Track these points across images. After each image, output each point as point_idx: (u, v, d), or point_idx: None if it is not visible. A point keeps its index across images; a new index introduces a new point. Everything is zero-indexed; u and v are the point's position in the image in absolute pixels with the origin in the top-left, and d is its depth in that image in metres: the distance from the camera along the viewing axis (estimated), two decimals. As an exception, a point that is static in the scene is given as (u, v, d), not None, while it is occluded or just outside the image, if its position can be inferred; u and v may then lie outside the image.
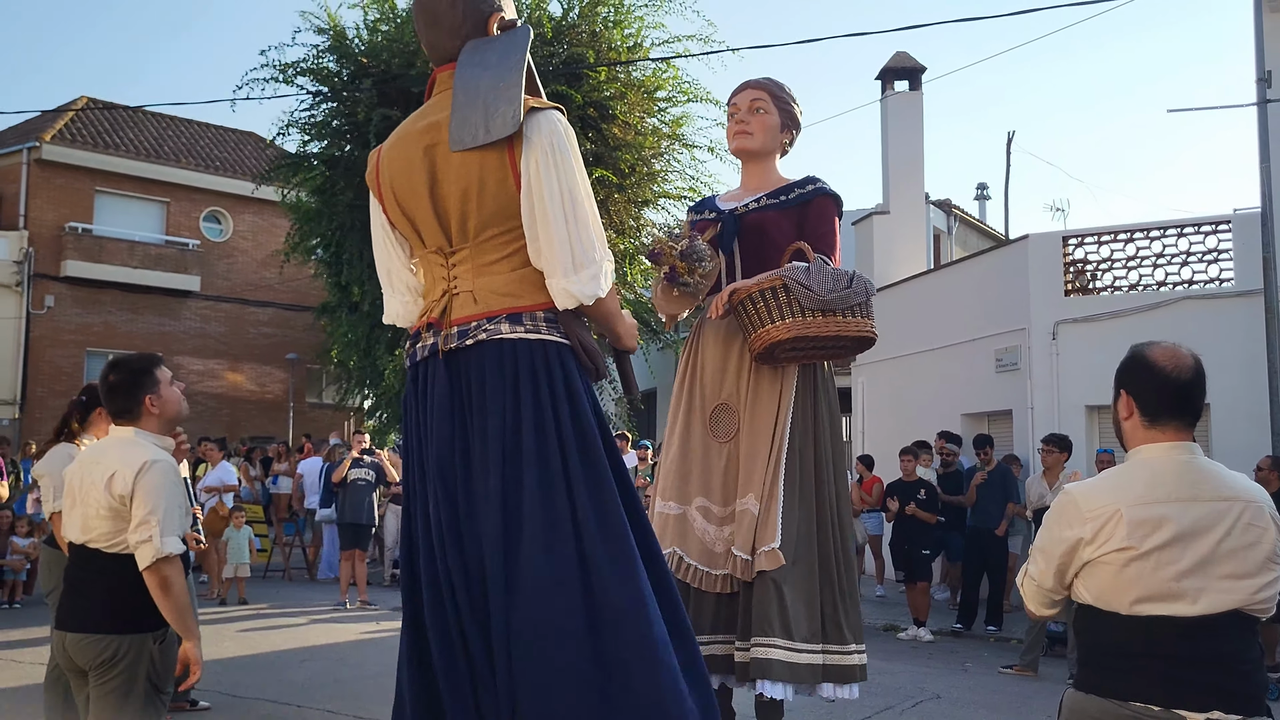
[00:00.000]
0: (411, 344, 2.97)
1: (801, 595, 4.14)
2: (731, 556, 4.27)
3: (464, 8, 2.86)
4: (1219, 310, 10.87)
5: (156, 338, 23.69)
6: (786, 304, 4.11)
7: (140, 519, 3.13)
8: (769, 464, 4.30)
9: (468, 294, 2.82)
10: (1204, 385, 2.40)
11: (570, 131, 2.78)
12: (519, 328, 2.77)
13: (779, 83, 4.74)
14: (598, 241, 2.75)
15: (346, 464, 11.24)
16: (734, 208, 4.63)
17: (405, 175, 2.87)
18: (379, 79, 14.48)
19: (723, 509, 4.42)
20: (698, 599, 4.30)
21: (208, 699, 6.07)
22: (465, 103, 2.73)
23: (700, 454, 4.50)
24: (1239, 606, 2.24)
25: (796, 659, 4.03)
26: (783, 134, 4.70)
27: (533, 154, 2.69)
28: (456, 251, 2.84)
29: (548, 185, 2.68)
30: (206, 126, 26.69)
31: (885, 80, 15.99)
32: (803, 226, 4.48)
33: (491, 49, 2.83)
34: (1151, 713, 2.21)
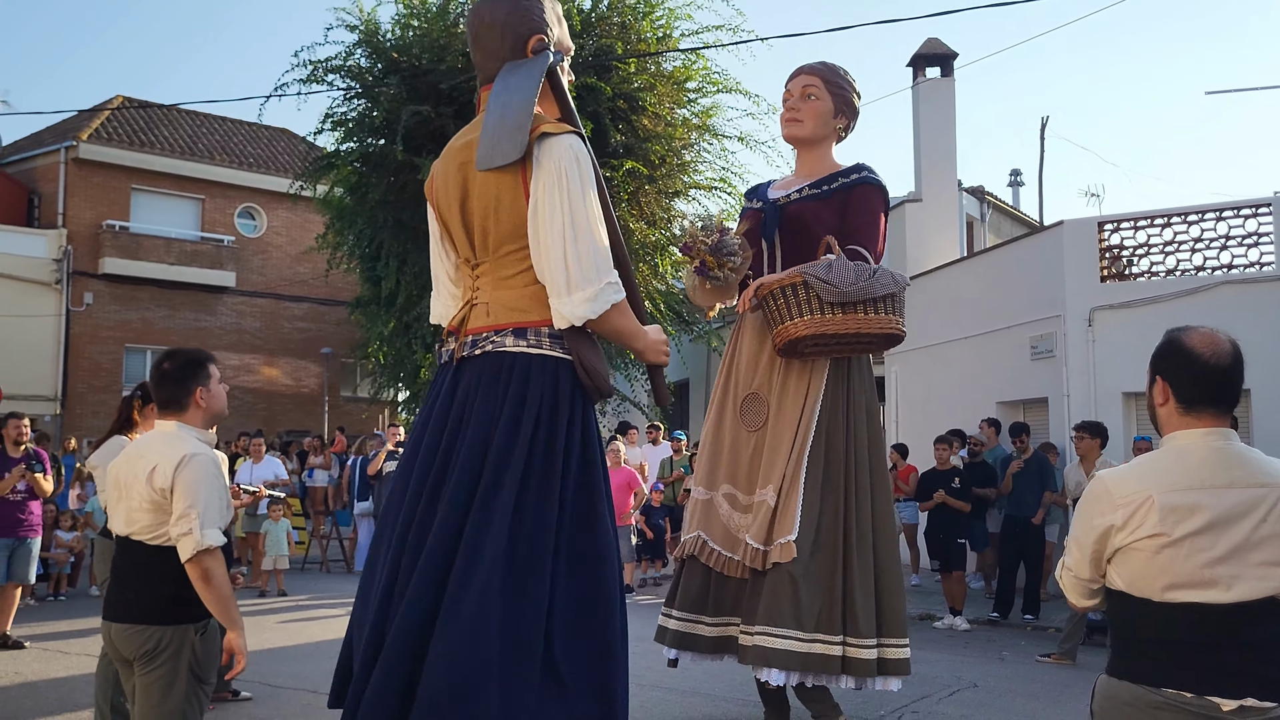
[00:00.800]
0: (439, 345, 3.14)
1: (821, 586, 4.14)
2: (745, 544, 4.31)
3: (502, 31, 2.98)
4: (1259, 294, 10.71)
5: (193, 333, 23.97)
6: (806, 301, 4.11)
7: (181, 512, 3.18)
8: (790, 456, 4.31)
9: (484, 305, 2.97)
10: (1242, 371, 2.36)
11: (583, 155, 2.87)
12: (521, 342, 2.90)
13: (834, 67, 4.66)
14: (598, 264, 2.83)
15: (381, 456, 11.34)
16: (778, 197, 4.62)
17: (444, 189, 3.04)
18: (409, 75, 14.53)
19: (748, 496, 4.46)
20: (718, 581, 4.40)
21: (248, 689, 6.14)
22: (492, 124, 2.86)
23: (729, 442, 4.55)
24: (1275, 594, 2.21)
25: (806, 649, 4.05)
26: (836, 119, 4.63)
27: (541, 177, 2.82)
28: (480, 264, 3.01)
29: (549, 208, 2.80)
30: (240, 123, 26.94)
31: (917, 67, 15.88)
32: (844, 217, 4.45)
33: (518, 72, 2.94)
34: (1184, 700, 2.20)
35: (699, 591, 4.47)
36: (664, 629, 4.58)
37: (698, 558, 4.48)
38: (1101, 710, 2.33)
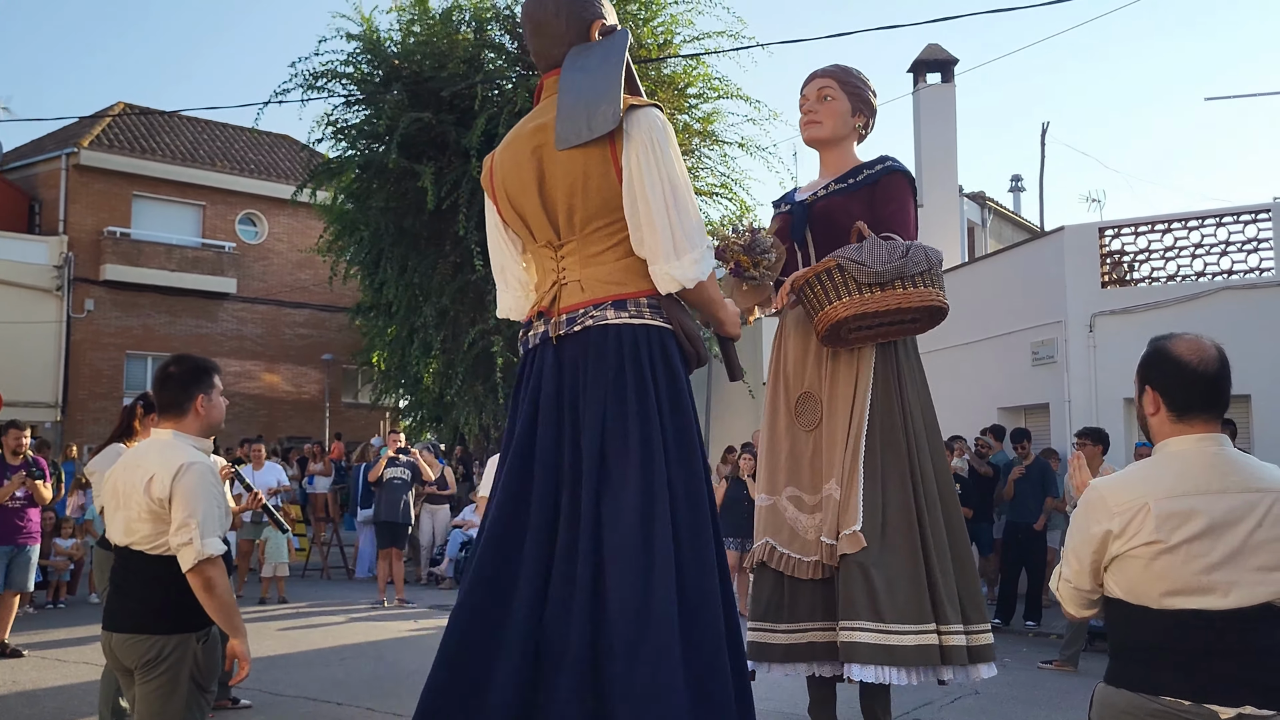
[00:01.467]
0: (524, 332, 3.17)
1: (903, 575, 4.07)
2: (819, 543, 4.26)
3: (567, 17, 3.05)
4: (1259, 300, 10.71)
5: (194, 340, 23.96)
6: (842, 283, 4.12)
7: (180, 522, 3.17)
8: (847, 447, 4.28)
9: (575, 283, 2.99)
10: (1229, 375, 2.37)
11: (668, 126, 2.94)
12: (624, 313, 2.94)
13: (847, 68, 4.70)
14: (698, 228, 2.92)
15: (383, 463, 11.33)
16: (804, 198, 4.64)
17: (515, 175, 3.06)
18: (410, 81, 14.55)
19: (813, 496, 4.43)
20: (792, 587, 4.30)
21: (249, 696, 6.14)
22: (569, 104, 2.90)
23: (788, 444, 4.53)
24: (1272, 599, 2.20)
25: (891, 640, 3.94)
26: (855, 118, 4.65)
27: (633, 148, 2.87)
28: (565, 244, 3.03)
29: (648, 177, 2.85)
30: (241, 130, 26.94)
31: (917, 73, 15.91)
32: (873, 207, 4.45)
33: (592, 54, 3.00)
34: (1182, 707, 2.19)
35: (770, 599, 4.37)
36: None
37: (767, 564, 4.41)
38: (1099, 718, 2.32)
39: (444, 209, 14.05)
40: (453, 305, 14.84)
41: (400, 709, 6.02)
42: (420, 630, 9.22)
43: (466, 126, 14.07)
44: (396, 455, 11.52)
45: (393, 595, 10.95)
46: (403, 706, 6.08)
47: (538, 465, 2.91)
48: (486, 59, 15.12)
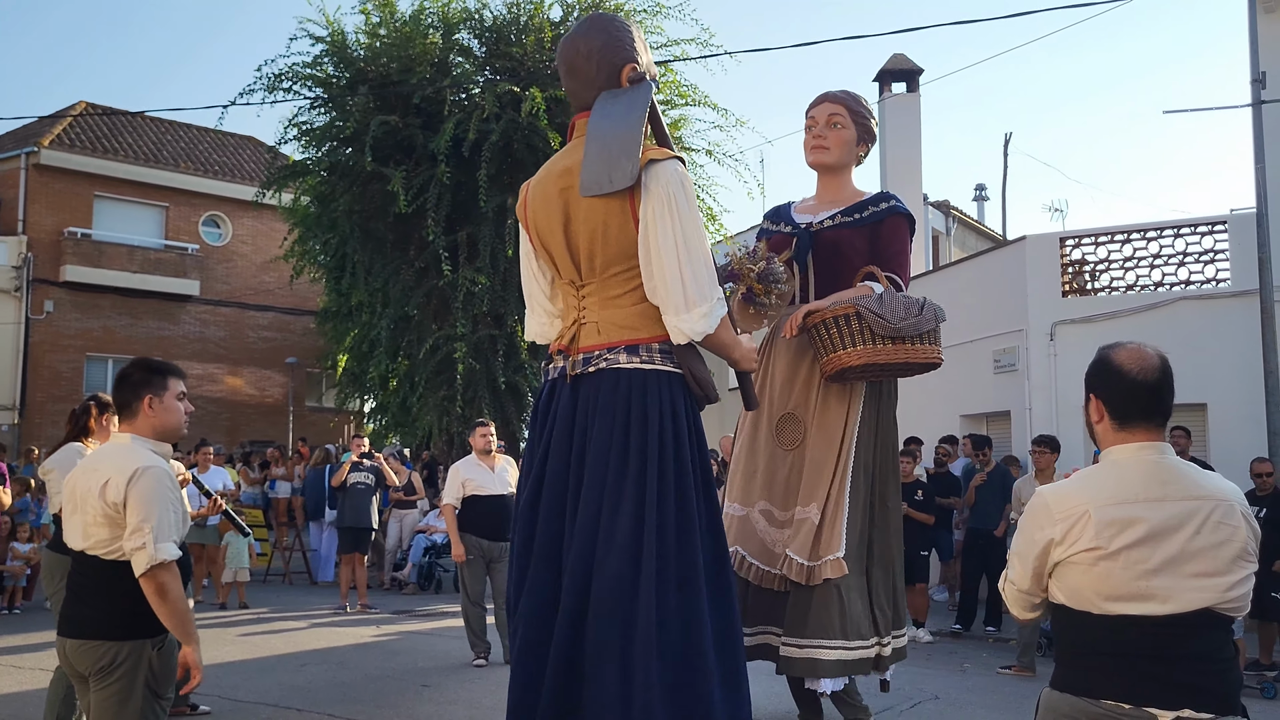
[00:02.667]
0: (547, 363, 3.32)
1: (858, 594, 4.43)
2: (786, 558, 4.49)
3: (598, 61, 3.13)
4: (1216, 310, 10.89)
5: (156, 342, 23.70)
6: (859, 330, 4.31)
7: (134, 526, 3.14)
8: (834, 476, 4.52)
9: (593, 324, 3.13)
10: (1172, 384, 2.41)
11: (687, 179, 3.05)
12: (635, 358, 3.08)
13: (856, 96, 4.90)
14: (708, 281, 3.02)
15: (346, 468, 11.25)
16: (809, 222, 4.78)
17: (544, 213, 3.17)
18: (377, 84, 14.49)
19: (784, 513, 4.63)
20: (755, 594, 4.55)
21: (208, 703, 6.09)
22: (594, 152, 3.01)
23: (765, 460, 4.70)
24: (1210, 605, 2.25)
25: (850, 655, 4.33)
26: (858, 148, 4.86)
27: (650, 202, 2.98)
28: (586, 285, 3.16)
29: (662, 231, 2.97)
30: (205, 131, 26.67)
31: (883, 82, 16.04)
32: (875, 245, 4.65)
33: (619, 101, 3.09)
34: (1122, 710, 2.23)
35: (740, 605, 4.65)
36: None
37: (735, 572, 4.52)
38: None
39: (410, 213, 14.00)
40: (418, 311, 14.79)
41: (360, 715, 6.00)
42: (383, 636, 9.17)
43: (434, 131, 14.02)
44: (360, 460, 11.45)
45: (355, 601, 10.88)
46: (363, 712, 6.06)
47: (544, 495, 3.10)
48: (454, 63, 15.08)
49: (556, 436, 3.12)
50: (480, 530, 7.82)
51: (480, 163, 13.62)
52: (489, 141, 13.58)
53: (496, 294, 14.28)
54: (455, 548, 7.81)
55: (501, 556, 7.89)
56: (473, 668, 7.53)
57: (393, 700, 6.43)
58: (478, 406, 14.43)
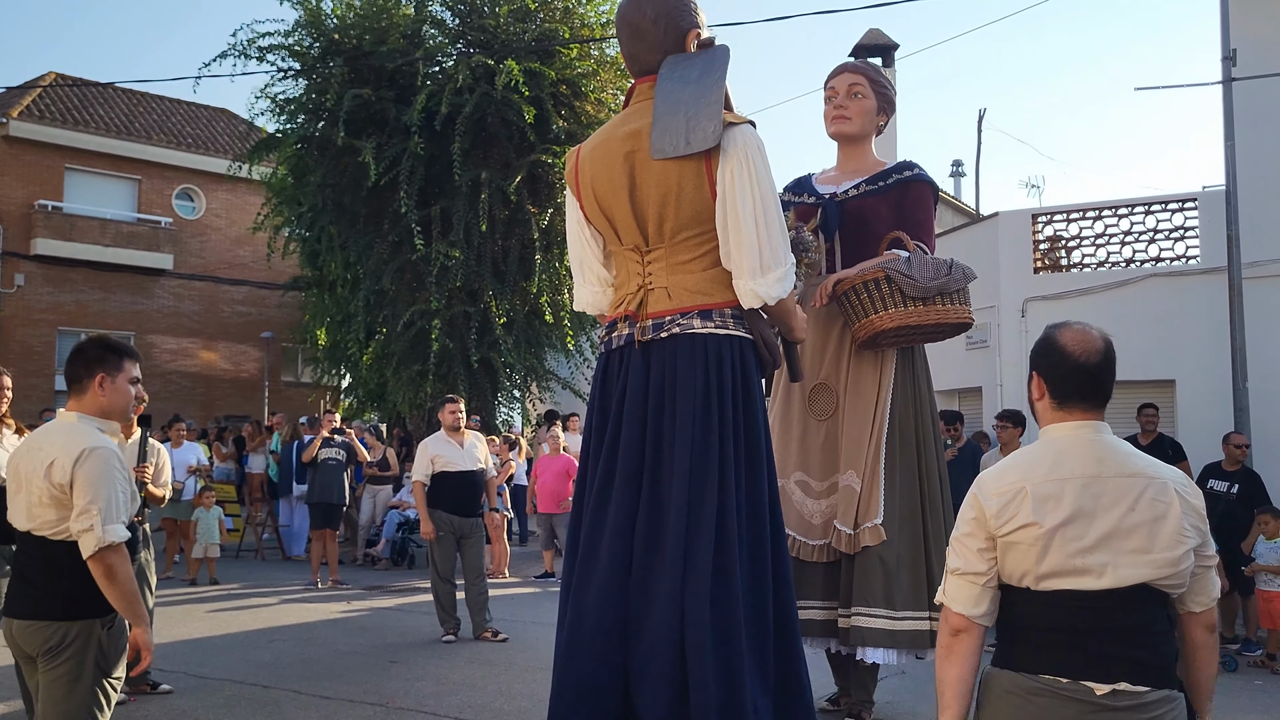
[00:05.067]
0: (607, 333, 3.26)
1: (907, 566, 4.39)
2: (833, 529, 4.54)
3: (665, 25, 3.10)
4: (1185, 287, 10.94)
5: (129, 316, 23.51)
6: (890, 294, 4.34)
7: (81, 507, 3.10)
8: (870, 443, 4.55)
9: (662, 289, 3.09)
10: (1113, 367, 2.42)
11: (762, 145, 3.02)
12: (709, 323, 3.05)
13: (875, 66, 4.95)
14: (784, 247, 3.02)
15: (317, 443, 11.21)
16: (834, 192, 4.81)
17: (606, 177, 3.12)
18: (351, 56, 14.35)
19: (820, 483, 4.67)
20: (797, 567, 4.49)
21: (172, 680, 6.08)
22: (666, 114, 2.98)
23: (799, 431, 4.74)
24: (1147, 580, 2.26)
25: (897, 626, 4.31)
26: (879, 117, 4.89)
27: (729, 165, 2.96)
28: (652, 250, 3.11)
29: (741, 195, 2.95)
30: (178, 103, 26.39)
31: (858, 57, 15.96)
32: (899, 212, 4.68)
33: (692, 65, 3.06)
34: (1060, 685, 2.25)
35: None
36: None
37: None
38: (984, 699, 2.38)
39: (383, 186, 13.89)
40: (391, 285, 14.70)
41: (327, 691, 5.99)
42: (352, 611, 9.17)
43: (406, 103, 13.91)
44: (331, 436, 11.41)
45: (326, 576, 10.87)
46: (330, 688, 6.05)
47: (620, 465, 3.07)
48: (427, 35, 14.95)
49: (630, 404, 3.09)
50: (450, 506, 7.81)
51: (454, 136, 13.52)
52: (462, 114, 13.48)
53: (470, 269, 14.20)
54: (424, 525, 7.80)
55: (471, 532, 7.89)
56: (441, 644, 7.54)
57: (359, 676, 6.43)
58: (452, 383, 14.38)
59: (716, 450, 3.00)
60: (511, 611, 8.86)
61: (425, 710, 5.59)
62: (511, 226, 14.55)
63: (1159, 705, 2.25)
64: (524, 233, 14.52)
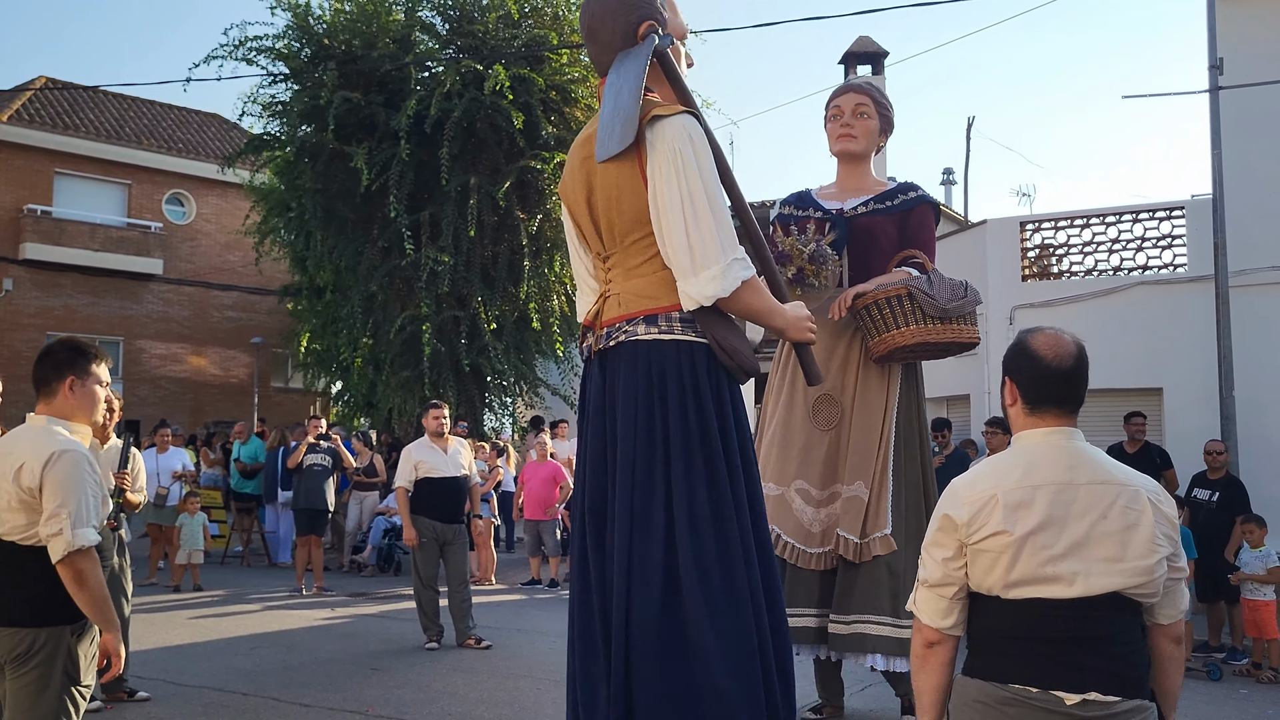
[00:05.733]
0: (580, 341, 3.20)
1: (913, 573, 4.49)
2: (838, 538, 4.64)
3: (614, 22, 3.01)
4: (1172, 296, 10.96)
5: (118, 321, 23.43)
6: (911, 311, 4.47)
7: (51, 512, 3.06)
8: (878, 454, 4.67)
9: (616, 296, 3.00)
10: (1086, 372, 2.41)
11: (696, 133, 2.86)
12: (653, 329, 2.92)
13: (877, 87, 5.14)
14: (721, 241, 2.81)
15: (302, 449, 11.16)
16: (841, 208, 4.95)
17: (571, 186, 3.10)
18: (341, 60, 14.33)
19: (821, 492, 4.76)
20: (793, 574, 4.68)
21: (150, 687, 6.03)
22: (608, 115, 2.92)
23: (801, 440, 4.82)
24: (1118, 589, 2.24)
25: (904, 634, 4.34)
26: (880, 137, 5.06)
27: (656, 160, 2.85)
28: (610, 255, 3.05)
29: (667, 190, 2.81)
30: (169, 108, 26.35)
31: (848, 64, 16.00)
32: (905, 232, 4.85)
33: (628, 59, 2.98)
34: (1029, 694, 2.23)
35: None
36: None
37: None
38: (955, 708, 2.36)
39: (373, 191, 13.87)
40: (381, 291, 14.67)
41: (307, 699, 5.95)
42: (335, 619, 9.12)
43: (395, 108, 13.89)
44: (317, 442, 11.36)
45: (311, 583, 10.82)
46: (310, 696, 6.01)
47: (588, 477, 3.02)
48: (417, 40, 14.94)
49: (591, 417, 3.04)
50: (433, 512, 7.78)
51: (442, 141, 13.51)
52: (451, 119, 13.46)
53: (459, 274, 14.18)
54: (407, 531, 7.76)
55: (455, 539, 7.86)
56: (424, 651, 7.50)
57: (340, 683, 6.38)
58: (442, 388, 14.35)
59: (661, 462, 2.85)
60: (496, 619, 8.82)
61: (404, 718, 5.55)
62: (500, 232, 14.53)
63: (1130, 715, 2.23)
64: (513, 238, 14.50)
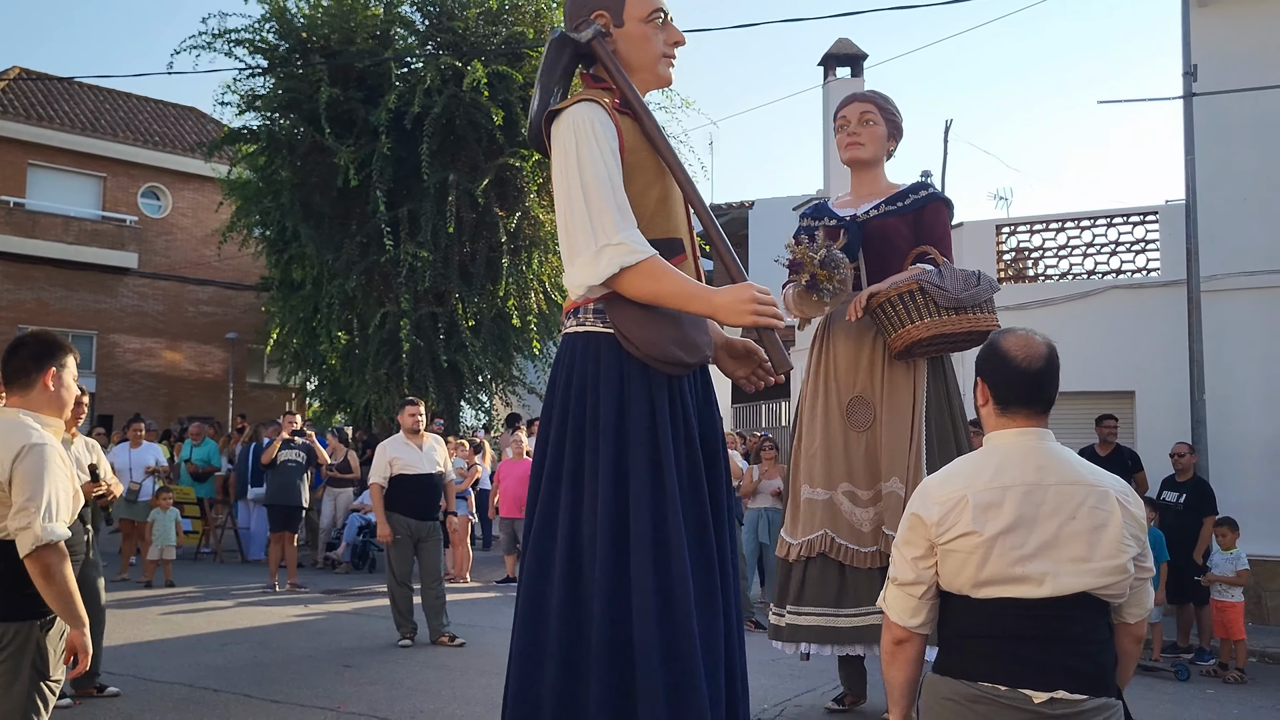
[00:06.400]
0: None
1: None
2: (883, 535, 4.78)
3: (568, 16, 3.07)
4: (1145, 299, 11.03)
5: (92, 315, 23.26)
6: (924, 304, 4.57)
7: (19, 505, 3.03)
8: (911, 449, 4.79)
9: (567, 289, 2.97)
10: (1056, 374, 2.43)
11: (581, 122, 2.81)
12: (572, 321, 2.93)
13: (884, 95, 5.23)
14: (595, 227, 2.73)
15: (276, 445, 11.10)
16: (854, 214, 5.08)
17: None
18: (320, 55, 14.27)
19: (866, 492, 4.93)
20: (852, 575, 4.85)
21: (121, 683, 5.98)
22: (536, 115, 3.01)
23: (841, 443, 4.99)
24: (1087, 589, 2.27)
25: None
26: (889, 142, 5.17)
27: (554, 154, 2.88)
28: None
29: (557, 182, 2.84)
30: (145, 100, 26.16)
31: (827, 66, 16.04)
32: (919, 230, 4.95)
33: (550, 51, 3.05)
34: (998, 692, 2.25)
35: (836, 587, 4.91)
36: (796, 626, 4.99)
37: (828, 555, 4.91)
38: (925, 705, 2.38)
39: (353, 187, 13.82)
40: (359, 287, 14.62)
41: (278, 695, 5.92)
42: (309, 615, 9.08)
43: (375, 104, 13.84)
44: (291, 437, 11.31)
45: (284, 579, 10.77)
46: (281, 692, 5.99)
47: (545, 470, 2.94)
48: (396, 35, 14.89)
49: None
50: (408, 509, 7.76)
51: (422, 137, 13.47)
52: (430, 116, 13.43)
53: (438, 270, 14.15)
54: (381, 528, 7.74)
55: (429, 536, 7.84)
56: (397, 648, 7.48)
57: (312, 680, 6.36)
58: (421, 385, 14.31)
59: (568, 452, 2.82)
60: (470, 616, 8.81)
61: (377, 715, 5.54)
62: (479, 229, 14.50)
63: (1096, 713, 2.25)
64: (491, 236, 14.47)
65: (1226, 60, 10.33)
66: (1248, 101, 9.99)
